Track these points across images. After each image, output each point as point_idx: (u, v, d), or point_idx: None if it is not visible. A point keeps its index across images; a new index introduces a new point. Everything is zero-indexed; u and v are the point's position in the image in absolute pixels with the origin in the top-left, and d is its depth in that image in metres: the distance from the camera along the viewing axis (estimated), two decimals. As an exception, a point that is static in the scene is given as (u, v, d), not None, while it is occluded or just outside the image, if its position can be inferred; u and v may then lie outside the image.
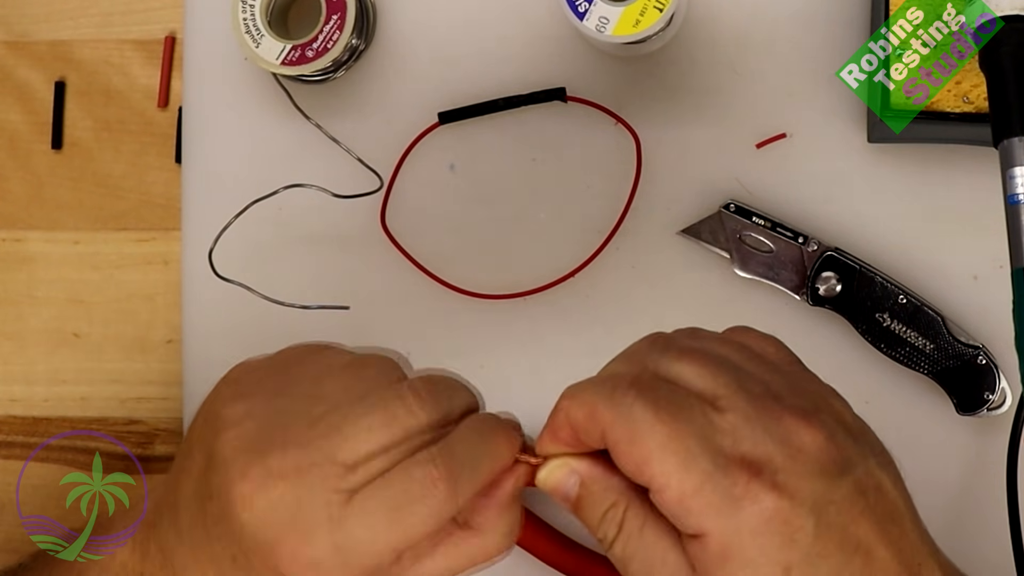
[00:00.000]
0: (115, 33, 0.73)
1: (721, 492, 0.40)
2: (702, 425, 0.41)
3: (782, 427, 0.41)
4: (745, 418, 0.41)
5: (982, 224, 0.65)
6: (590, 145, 0.68)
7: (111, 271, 0.72)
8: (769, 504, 0.40)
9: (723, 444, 0.40)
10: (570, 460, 0.44)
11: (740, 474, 0.40)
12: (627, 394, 0.41)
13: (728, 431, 0.41)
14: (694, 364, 0.43)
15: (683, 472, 0.40)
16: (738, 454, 0.40)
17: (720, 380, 0.42)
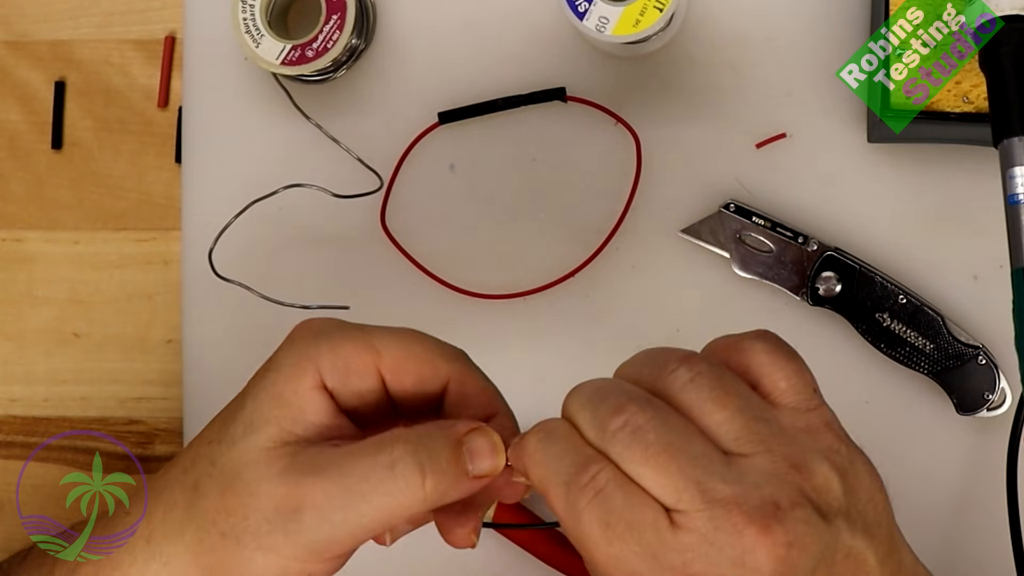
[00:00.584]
0: (115, 33, 0.73)
1: None
2: (652, 544, 0.39)
3: (739, 546, 0.39)
4: (700, 538, 0.39)
5: (982, 224, 0.65)
6: (590, 145, 0.68)
7: (111, 271, 0.72)
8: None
9: (673, 564, 0.39)
10: None
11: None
12: (579, 499, 0.40)
13: (679, 551, 0.39)
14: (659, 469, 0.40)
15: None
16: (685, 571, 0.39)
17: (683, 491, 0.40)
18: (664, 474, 0.40)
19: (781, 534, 0.39)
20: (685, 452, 0.40)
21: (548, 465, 0.41)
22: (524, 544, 0.66)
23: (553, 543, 0.65)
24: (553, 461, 0.41)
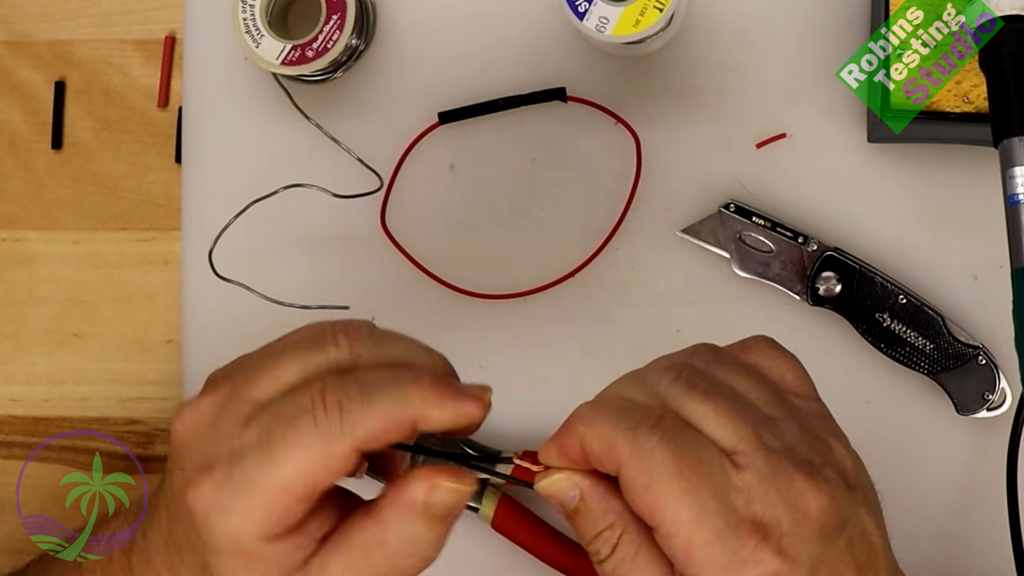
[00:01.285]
0: (115, 33, 0.73)
1: (728, 552, 0.40)
2: (720, 482, 0.41)
3: (792, 490, 0.41)
4: (760, 479, 0.41)
5: (982, 224, 0.65)
6: (590, 145, 0.68)
7: (111, 271, 0.72)
8: (770, 567, 0.41)
9: (737, 504, 0.41)
10: (575, 476, 0.43)
11: (749, 537, 0.41)
12: (649, 437, 0.41)
13: (743, 490, 0.41)
14: (718, 412, 0.42)
15: (695, 526, 0.40)
16: (749, 515, 0.41)
17: (742, 433, 0.42)
18: (724, 416, 0.42)
19: (824, 485, 0.42)
20: (739, 399, 0.43)
21: (608, 420, 0.42)
22: (524, 544, 0.66)
23: (553, 543, 0.65)
24: (613, 417, 0.42)
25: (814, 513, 0.42)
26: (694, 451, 0.41)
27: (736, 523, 0.41)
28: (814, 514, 0.42)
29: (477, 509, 0.66)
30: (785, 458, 0.42)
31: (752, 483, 0.41)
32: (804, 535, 0.41)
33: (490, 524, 0.66)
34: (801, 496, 0.41)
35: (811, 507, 0.42)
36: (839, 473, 0.43)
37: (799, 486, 0.42)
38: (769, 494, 0.41)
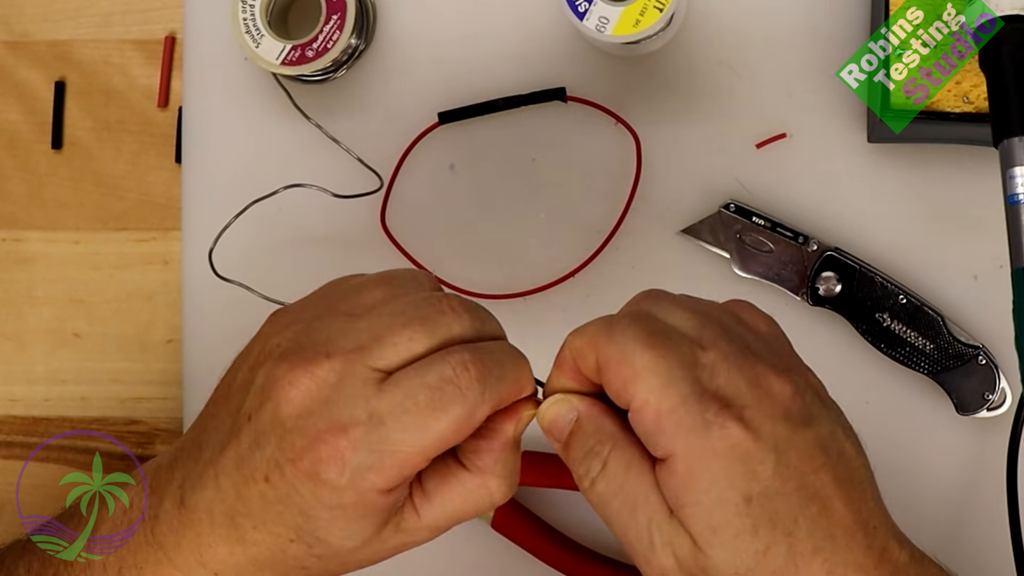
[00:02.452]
0: (115, 33, 0.73)
1: (693, 415, 0.42)
2: (686, 355, 0.44)
3: (755, 372, 0.44)
4: (723, 357, 0.44)
5: (982, 224, 0.65)
6: (590, 145, 0.68)
7: (111, 271, 0.72)
8: (734, 434, 0.43)
9: (701, 376, 0.43)
10: (571, 396, 0.46)
11: (712, 403, 0.43)
12: (621, 322, 0.44)
13: (707, 366, 0.44)
14: (685, 312, 0.46)
15: (662, 392, 0.43)
16: (713, 386, 0.43)
17: (706, 329, 0.45)
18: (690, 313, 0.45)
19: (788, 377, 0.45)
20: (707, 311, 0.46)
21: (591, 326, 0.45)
22: (524, 544, 0.66)
23: (553, 543, 0.65)
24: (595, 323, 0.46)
25: (777, 394, 0.44)
26: (663, 331, 0.44)
27: (700, 391, 0.43)
28: (777, 395, 0.44)
29: (477, 509, 0.66)
30: (749, 352, 0.45)
31: (716, 360, 0.44)
32: (767, 412, 0.43)
33: (490, 524, 0.66)
34: (764, 377, 0.44)
35: (774, 388, 0.44)
36: (809, 385, 0.46)
37: (761, 371, 0.44)
38: (732, 372, 0.44)
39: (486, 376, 0.44)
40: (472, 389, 0.44)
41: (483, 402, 0.44)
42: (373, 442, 0.43)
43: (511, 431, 0.46)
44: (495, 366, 0.45)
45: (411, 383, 0.44)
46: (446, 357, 0.44)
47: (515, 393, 0.46)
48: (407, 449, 0.43)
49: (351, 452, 0.43)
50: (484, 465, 0.46)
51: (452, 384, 0.44)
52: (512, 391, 0.46)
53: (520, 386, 0.46)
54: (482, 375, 0.44)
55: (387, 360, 0.44)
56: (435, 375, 0.44)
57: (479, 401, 0.44)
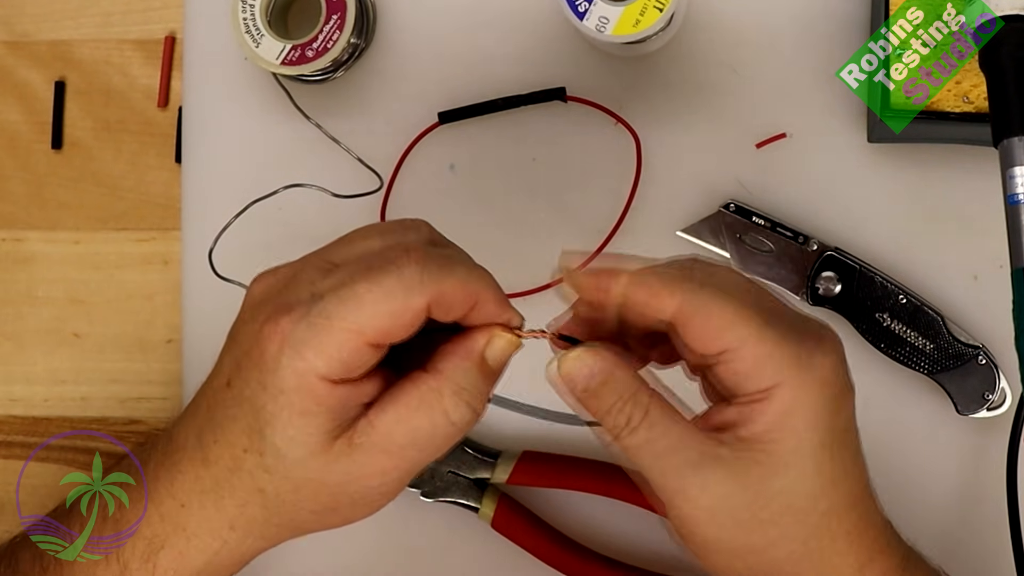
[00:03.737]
0: (115, 33, 0.73)
1: (793, 351, 0.44)
2: (769, 302, 0.46)
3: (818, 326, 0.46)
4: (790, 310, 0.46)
5: (982, 224, 0.65)
6: (590, 145, 0.68)
7: (111, 271, 0.72)
8: (834, 365, 0.45)
9: (783, 317, 0.45)
10: (592, 351, 0.46)
11: (807, 340, 0.45)
12: (693, 280, 0.45)
13: (789, 310, 0.46)
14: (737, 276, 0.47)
15: (760, 334, 0.44)
16: (802, 326, 0.45)
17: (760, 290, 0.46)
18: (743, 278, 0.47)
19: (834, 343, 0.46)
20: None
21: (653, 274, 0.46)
22: (524, 544, 0.66)
23: (553, 543, 0.65)
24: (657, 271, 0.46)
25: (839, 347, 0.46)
26: (734, 281, 0.45)
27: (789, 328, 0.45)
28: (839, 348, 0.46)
29: (477, 509, 0.66)
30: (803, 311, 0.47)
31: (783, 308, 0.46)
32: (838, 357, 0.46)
33: (490, 524, 0.66)
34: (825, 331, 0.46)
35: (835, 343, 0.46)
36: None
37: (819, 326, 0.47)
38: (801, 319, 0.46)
39: (427, 263, 0.44)
40: (409, 269, 0.44)
41: (420, 284, 0.44)
42: (311, 316, 0.44)
43: (480, 342, 0.46)
44: (441, 260, 0.45)
45: (353, 265, 0.45)
46: (393, 245, 0.46)
47: (463, 296, 0.45)
48: (341, 323, 0.43)
49: (290, 327, 0.44)
50: (442, 368, 0.46)
51: (392, 264, 0.44)
52: (459, 291, 0.45)
53: (469, 291, 0.45)
54: (422, 261, 0.44)
55: (341, 256, 0.46)
56: (377, 257, 0.45)
57: (415, 282, 0.44)
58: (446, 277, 0.44)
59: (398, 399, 0.45)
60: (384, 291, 0.44)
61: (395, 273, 0.44)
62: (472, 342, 0.46)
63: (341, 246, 0.48)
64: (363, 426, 0.45)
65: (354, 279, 0.44)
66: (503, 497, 0.66)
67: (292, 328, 0.44)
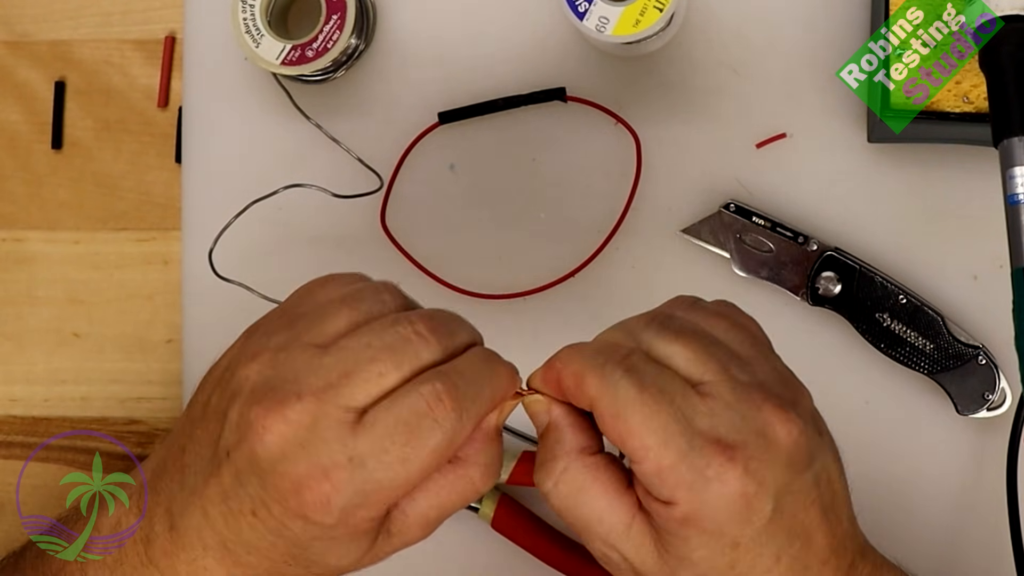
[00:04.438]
0: (115, 33, 0.73)
1: (694, 470, 0.42)
2: (683, 407, 0.43)
3: (760, 417, 0.44)
4: (726, 405, 0.44)
5: (982, 224, 0.65)
6: (590, 145, 0.68)
7: (111, 271, 0.72)
8: (736, 486, 0.43)
9: (701, 426, 0.43)
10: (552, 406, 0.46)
11: (714, 456, 0.43)
12: (615, 371, 0.44)
13: (707, 414, 0.43)
14: (686, 349, 0.45)
15: (661, 448, 0.43)
16: (715, 436, 0.43)
17: (708, 366, 0.44)
18: (692, 352, 0.45)
19: (794, 418, 0.44)
20: (709, 340, 0.46)
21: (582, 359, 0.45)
22: (524, 544, 0.66)
23: (553, 543, 0.65)
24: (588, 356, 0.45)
25: (782, 441, 0.44)
26: (656, 380, 0.44)
27: (701, 444, 0.43)
28: (782, 442, 0.44)
29: (477, 509, 0.66)
30: (754, 390, 0.44)
31: (717, 408, 0.43)
32: (771, 461, 0.43)
33: (490, 524, 0.66)
34: (769, 424, 0.44)
35: (779, 435, 0.44)
36: (810, 417, 0.46)
37: (767, 415, 0.44)
38: (735, 419, 0.43)
39: (461, 402, 0.44)
40: (448, 419, 0.43)
41: (462, 428, 0.44)
42: (357, 483, 0.43)
43: (493, 421, 0.46)
44: (469, 389, 0.44)
45: (387, 421, 0.43)
46: (419, 388, 0.44)
47: (494, 406, 0.46)
48: (391, 486, 0.43)
49: (336, 496, 0.43)
50: (466, 455, 0.46)
51: (428, 418, 0.43)
52: (490, 407, 0.46)
53: (500, 392, 0.46)
54: (457, 403, 0.44)
55: (358, 399, 0.44)
56: (409, 410, 0.43)
57: (457, 429, 0.44)
58: (480, 405, 0.45)
59: (428, 489, 0.46)
60: (430, 450, 0.43)
61: (432, 427, 0.43)
62: (487, 423, 0.46)
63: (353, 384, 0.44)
64: (397, 517, 0.46)
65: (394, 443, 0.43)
66: (503, 497, 0.66)
67: (338, 497, 0.43)
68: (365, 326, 0.46)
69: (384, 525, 0.46)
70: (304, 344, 0.45)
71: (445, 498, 0.46)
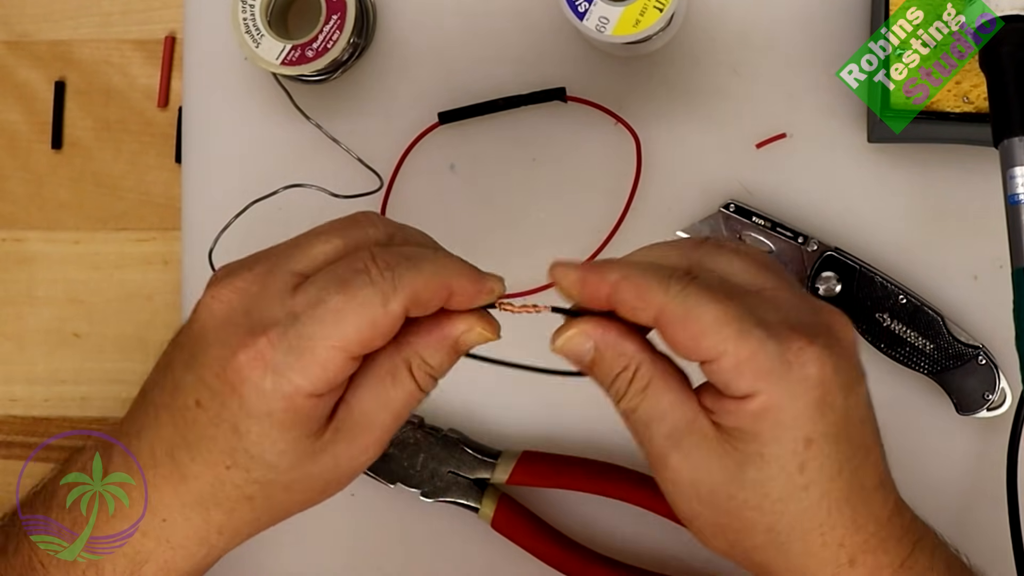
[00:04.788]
0: (115, 33, 0.73)
1: (774, 356, 0.43)
2: (752, 304, 0.44)
3: (824, 316, 0.45)
4: (791, 304, 0.45)
5: (982, 224, 0.65)
6: (590, 145, 0.68)
7: (111, 271, 0.72)
8: (815, 369, 0.43)
9: (772, 318, 0.44)
10: (587, 328, 0.46)
11: (793, 340, 0.43)
12: (681, 281, 0.44)
13: (776, 310, 0.44)
14: (746, 264, 0.46)
15: (738, 340, 0.43)
16: (788, 324, 0.44)
17: (766, 276, 0.46)
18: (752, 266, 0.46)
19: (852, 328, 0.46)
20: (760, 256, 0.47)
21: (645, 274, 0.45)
22: (524, 544, 0.66)
23: (553, 543, 0.65)
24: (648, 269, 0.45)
25: (846, 338, 0.45)
26: (723, 284, 0.45)
27: (776, 331, 0.43)
28: (846, 339, 0.45)
29: (477, 509, 0.66)
30: (810, 297, 0.46)
31: (784, 306, 0.45)
32: (841, 353, 0.44)
33: (490, 524, 0.66)
34: (832, 322, 0.45)
35: (842, 333, 0.45)
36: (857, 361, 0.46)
37: (828, 316, 0.45)
38: (803, 311, 0.45)
39: (396, 265, 0.44)
40: (381, 278, 0.44)
41: (394, 290, 0.44)
42: (291, 338, 0.43)
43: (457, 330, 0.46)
44: (406, 259, 0.45)
45: (323, 279, 0.44)
46: (356, 252, 0.45)
47: (437, 291, 0.45)
48: (324, 342, 0.43)
49: (270, 352, 0.43)
50: (413, 342, 0.46)
51: (362, 274, 0.44)
52: (431, 285, 0.45)
53: (442, 284, 0.45)
54: (391, 264, 0.44)
55: (303, 264, 0.45)
56: (345, 267, 0.44)
57: (390, 289, 0.44)
58: (417, 276, 0.44)
59: (371, 375, 0.46)
60: (360, 303, 0.43)
61: (368, 283, 0.44)
62: (449, 328, 0.46)
63: (300, 251, 0.47)
64: (342, 412, 0.46)
65: (328, 294, 0.44)
66: (503, 497, 0.66)
67: (272, 352, 0.43)
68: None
69: (331, 423, 0.46)
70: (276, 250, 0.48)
71: (389, 392, 0.46)
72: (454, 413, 0.67)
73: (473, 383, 0.66)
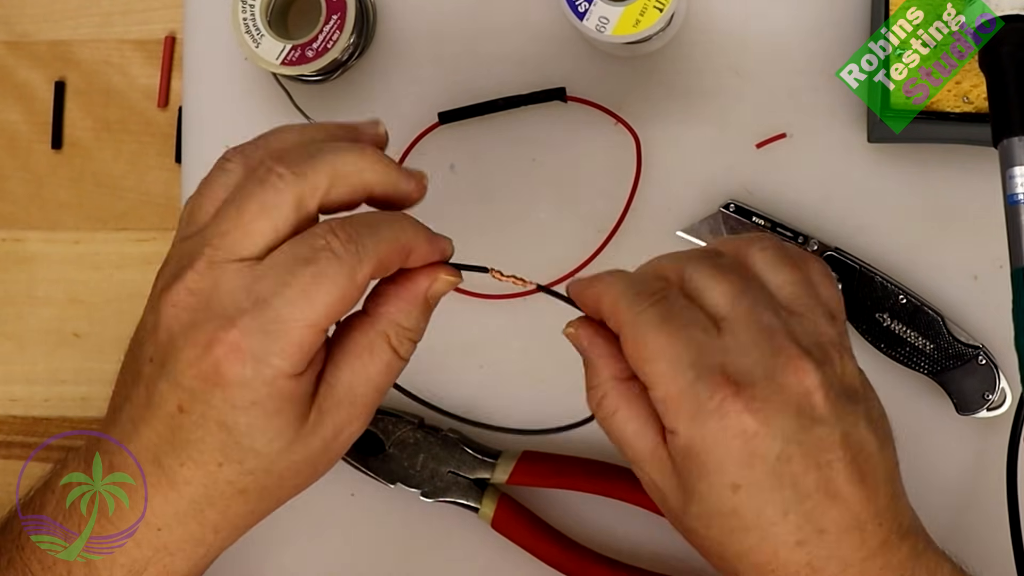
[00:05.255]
0: (115, 33, 0.73)
1: (696, 401, 0.44)
2: (700, 340, 0.44)
3: (775, 362, 0.44)
4: (741, 344, 0.44)
5: (982, 224, 0.65)
6: (590, 145, 0.68)
7: (111, 271, 0.72)
8: (734, 422, 0.43)
9: (712, 360, 0.44)
10: (581, 330, 0.49)
11: (718, 390, 0.43)
12: (645, 301, 0.45)
13: (721, 350, 0.44)
14: (720, 283, 0.46)
15: (670, 376, 0.44)
16: (723, 371, 0.44)
17: (736, 304, 0.45)
18: (725, 287, 0.46)
19: (812, 371, 0.44)
20: (750, 279, 0.47)
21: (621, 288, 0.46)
22: (524, 544, 0.66)
23: (553, 543, 0.65)
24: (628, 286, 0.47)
25: (792, 388, 0.44)
26: (682, 314, 0.45)
27: (708, 376, 0.44)
28: (792, 389, 0.44)
29: (477, 509, 0.66)
30: (780, 337, 0.45)
31: (731, 345, 0.44)
32: (779, 405, 0.44)
33: (490, 524, 0.66)
34: (782, 369, 0.44)
35: (790, 382, 0.44)
36: (839, 379, 0.46)
37: (782, 361, 0.44)
38: (748, 359, 0.44)
39: (358, 235, 0.44)
40: (346, 250, 0.44)
41: (361, 261, 0.44)
42: (264, 324, 0.43)
43: (423, 286, 0.47)
44: (366, 226, 0.45)
45: (285, 259, 0.44)
46: (313, 229, 0.45)
47: (398, 253, 0.46)
48: (298, 323, 0.43)
49: (244, 341, 0.43)
50: (386, 311, 0.47)
51: (325, 250, 0.44)
52: (394, 248, 0.46)
53: (402, 246, 0.46)
54: (352, 236, 0.44)
55: (248, 248, 0.44)
56: (305, 246, 0.44)
57: (356, 261, 0.44)
58: (380, 244, 0.45)
59: (349, 351, 0.47)
60: (330, 280, 0.44)
61: (333, 258, 0.44)
62: (416, 286, 0.47)
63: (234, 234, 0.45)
64: (324, 390, 0.46)
65: (293, 276, 0.44)
66: (503, 497, 0.66)
67: (247, 341, 0.43)
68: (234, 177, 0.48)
69: (315, 402, 0.46)
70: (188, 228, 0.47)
71: (367, 364, 0.46)
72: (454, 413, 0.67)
73: (473, 383, 0.66)
